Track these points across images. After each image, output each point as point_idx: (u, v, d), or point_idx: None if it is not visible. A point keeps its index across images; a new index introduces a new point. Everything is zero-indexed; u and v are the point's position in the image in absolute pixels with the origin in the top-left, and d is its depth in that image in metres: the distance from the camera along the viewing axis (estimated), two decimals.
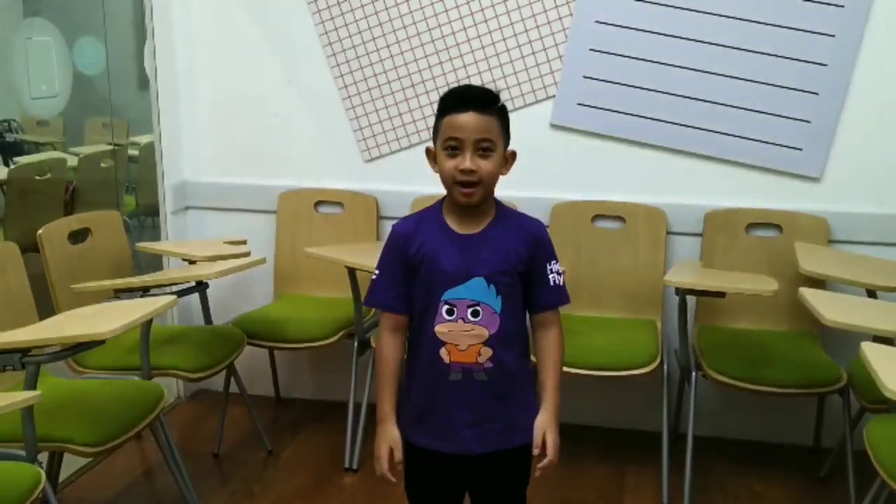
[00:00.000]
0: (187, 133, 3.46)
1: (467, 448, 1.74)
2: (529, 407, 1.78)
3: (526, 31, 3.08)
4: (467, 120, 1.64)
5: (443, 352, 1.70)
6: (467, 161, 1.64)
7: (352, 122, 3.30)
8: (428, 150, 1.74)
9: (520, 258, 1.71)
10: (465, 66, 3.14)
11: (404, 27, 3.17)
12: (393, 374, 1.76)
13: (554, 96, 3.11)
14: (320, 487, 2.84)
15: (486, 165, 1.65)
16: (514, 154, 1.73)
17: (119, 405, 2.34)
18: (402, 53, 3.19)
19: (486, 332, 1.69)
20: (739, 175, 3.03)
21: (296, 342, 2.99)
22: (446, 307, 1.69)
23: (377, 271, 1.77)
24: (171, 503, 2.75)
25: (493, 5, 3.08)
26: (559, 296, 1.77)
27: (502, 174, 1.71)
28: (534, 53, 3.09)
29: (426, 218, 1.75)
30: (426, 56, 3.17)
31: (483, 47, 3.12)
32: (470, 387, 1.71)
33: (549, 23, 3.06)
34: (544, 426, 1.76)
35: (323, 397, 3.52)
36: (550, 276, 1.75)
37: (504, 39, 3.10)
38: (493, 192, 1.72)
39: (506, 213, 1.76)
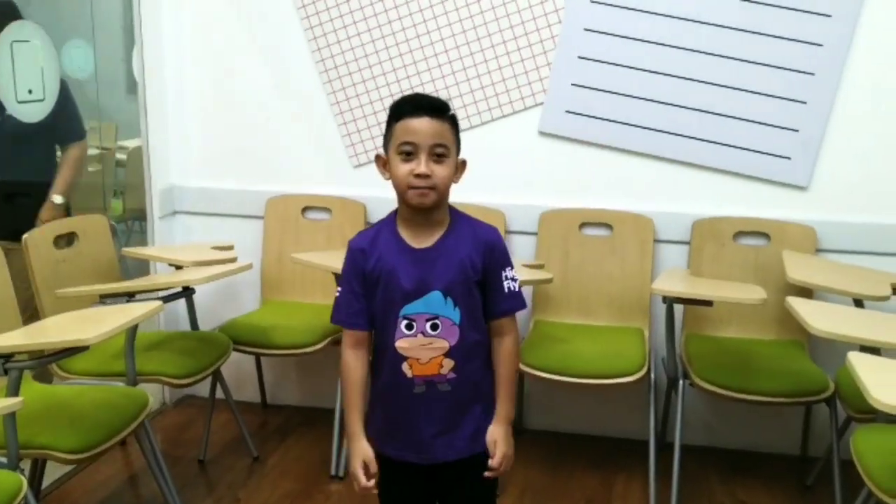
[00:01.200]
0: (175, 138, 3.44)
1: (438, 457, 1.74)
2: (492, 411, 1.78)
3: (515, 38, 3.08)
4: (423, 125, 1.64)
5: (405, 366, 1.70)
6: (422, 165, 1.63)
7: (340, 127, 3.29)
8: (378, 157, 1.73)
9: (475, 267, 1.71)
10: (453, 73, 3.14)
11: (393, 33, 3.17)
12: (358, 391, 1.76)
13: (542, 104, 3.11)
14: (306, 494, 2.82)
15: (440, 171, 1.65)
16: (464, 163, 1.74)
17: (103, 411, 2.32)
18: (390, 59, 3.19)
19: (446, 344, 1.69)
20: (727, 183, 3.04)
21: (282, 349, 2.97)
22: (405, 322, 1.68)
23: (339, 288, 1.77)
24: None
25: (482, 12, 3.08)
26: (514, 302, 1.76)
27: (454, 182, 1.71)
28: (522, 61, 3.09)
29: (381, 231, 1.74)
30: (415, 62, 3.17)
31: (472, 54, 3.12)
32: (434, 398, 1.71)
33: (537, 30, 3.06)
34: (495, 437, 1.76)
35: (309, 404, 3.50)
36: (505, 283, 1.74)
37: (493, 46, 3.10)
38: (447, 199, 1.72)
39: (460, 221, 1.75)
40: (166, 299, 2.65)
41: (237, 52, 3.33)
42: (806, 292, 2.77)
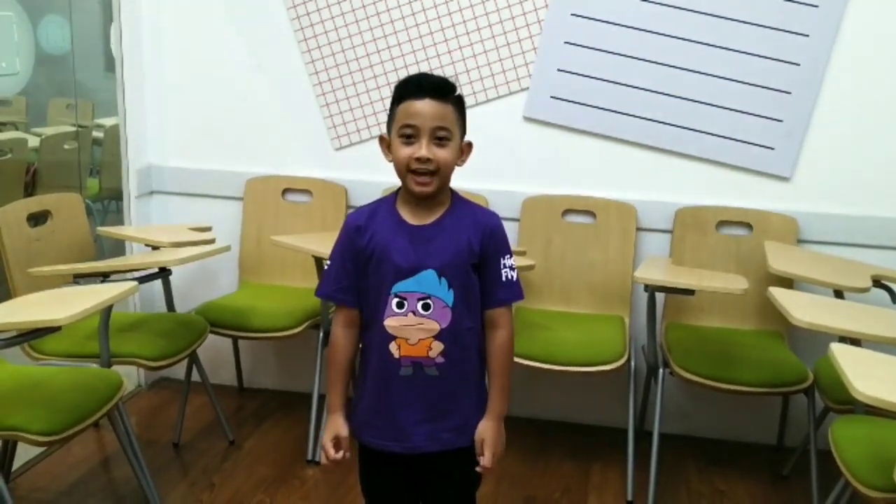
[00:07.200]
0: (153, 116, 3.39)
1: (419, 446, 1.71)
2: (482, 406, 1.75)
3: (501, 21, 3.05)
4: (424, 107, 1.61)
5: (392, 346, 1.67)
6: (423, 149, 1.60)
7: (322, 109, 3.25)
8: (381, 138, 1.70)
9: (472, 251, 1.67)
10: (438, 56, 3.11)
11: (377, 14, 3.12)
12: (344, 368, 1.75)
13: (527, 88, 3.08)
14: (282, 479, 2.80)
15: (442, 154, 1.62)
16: (470, 145, 1.71)
17: (76, 393, 2.28)
18: (374, 41, 3.15)
19: (436, 326, 1.65)
20: (711, 173, 3.03)
21: (260, 332, 2.94)
22: (396, 300, 1.65)
23: (329, 262, 1.74)
24: (129, 494, 2.69)
25: None
26: (512, 292, 1.72)
27: (459, 165, 1.68)
28: (508, 45, 3.06)
29: (380, 208, 1.72)
30: (399, 44, 3.13)
31: (457, 37, 3.09)
32: (421, 382, 1.68)
33: (524, 14, 3.03)
34: (483, 433, 1.73)
35: (287, 388, 3.48)
36: (503, 272, 1.71)
37: (479, 29, 3.07)
38: (448, 182, 1.69)
39: (461, 204, 1.72)
40: (142, 280, 2.61)
41: (218, 30, 3.28)
42: (787, 283, 2.77)
